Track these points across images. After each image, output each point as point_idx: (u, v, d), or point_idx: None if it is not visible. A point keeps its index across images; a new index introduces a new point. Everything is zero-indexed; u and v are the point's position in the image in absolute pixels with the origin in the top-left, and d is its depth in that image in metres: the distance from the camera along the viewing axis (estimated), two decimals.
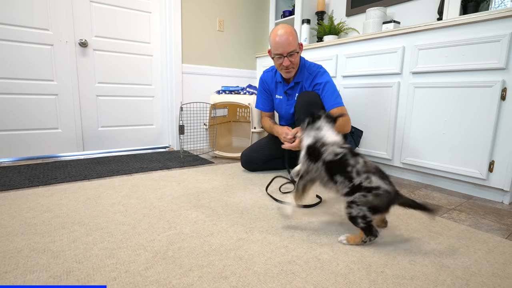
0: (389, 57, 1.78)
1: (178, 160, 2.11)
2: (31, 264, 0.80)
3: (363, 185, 0.90)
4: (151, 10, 2.44)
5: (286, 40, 1.52)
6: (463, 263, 0.87)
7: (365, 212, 0.90)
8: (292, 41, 1.53)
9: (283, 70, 1.63)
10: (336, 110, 1.55)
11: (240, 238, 0.98)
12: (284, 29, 1.54)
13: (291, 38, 1.53)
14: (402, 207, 0.92)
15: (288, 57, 1.55)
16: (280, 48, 1.54)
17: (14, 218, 1.09)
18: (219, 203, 1.29)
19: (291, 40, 1.53)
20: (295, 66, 1.62)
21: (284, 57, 1.55)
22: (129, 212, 1.17)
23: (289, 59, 1.55)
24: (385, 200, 0.90)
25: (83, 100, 2.23)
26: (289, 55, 1.55)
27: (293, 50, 1.54)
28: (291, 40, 1.53)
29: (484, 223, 1.18)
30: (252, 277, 0.77)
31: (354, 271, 0.81)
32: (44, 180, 1.55)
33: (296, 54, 1.56)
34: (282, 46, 1.53)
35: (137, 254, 0.86)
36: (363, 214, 0.90)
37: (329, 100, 1.58)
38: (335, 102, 1.58)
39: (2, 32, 1.89)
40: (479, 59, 1.41)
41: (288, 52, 1.53)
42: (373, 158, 1.94)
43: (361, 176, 0.91)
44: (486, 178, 1.44)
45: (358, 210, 0.90)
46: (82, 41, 2.14)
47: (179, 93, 2.52)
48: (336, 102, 1.58)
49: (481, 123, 1.43)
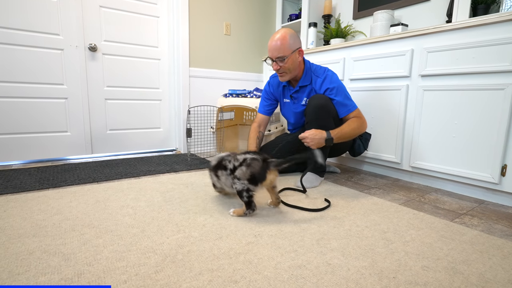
0: (397, 60, 1.77)
1: (185, 163, 2.12)
2: (42, 266, 0.81)
3: (235, 164, 1.13)
4: (159, 14, 2.47)
5: (274, 45, 1.53)
6: (477, 269, 0.85)
7: (248, 185, 1.08)
8: (280, 46, 1.52)
9: (278, 74, 1.65)
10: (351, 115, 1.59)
11: (249, 242, 0.97)
12: (279, 34, 1.54)
13: (280, 43, 1.52)
14: (280, 172, 1.15)
15: (277, 62, 1.55)
16: (269, 52, 1.57)
17: (25, 220, 1.10)
18: (227, 207, 1.29)
19: (279, 46, 1.52)
20: (288, 71, 1.60)
21: (273, 61, 1.56)
22: (138, 215, 1.18)
23: (278, 63, 1.55)
24: (257, 166, 1.08)
25: (92, 104, 2.26)
26: (278, 60, 1.54)
27: (281, 56, 1.53)
28: (279, 45, 1.52)
29: (497, 229, 1.15)
30: (262, 282, 0.76)
31: (365, 276, 0.80)
32: (54, 183, 1.57)
33: (286, 60, 1.55)
34: (270, 50, 1.55)
35: (146, 257, 0.86)
36: (246, 188, 1.09)
37: (343, 107, 1.60)
38: (350, 107, 1.60)
39: (14, 37, 1.93)
40: (490, 62, 1.40)
41: (275, 57, 1.54)
42: (381, 162, 1.93)
43: (232, 161, 1.16)
44: (499, 183, 1.41)
45: (242, 185, 1.09)
46: (92, 45, 2.17)
47: (186, 96, 2.54)
48: (351, 106, 1.60)
49: (493, 126, 1.41)
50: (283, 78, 1.66)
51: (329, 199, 1.37)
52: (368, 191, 1.59)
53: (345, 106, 1.59)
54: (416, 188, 1.68)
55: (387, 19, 2.00)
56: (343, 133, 1.54)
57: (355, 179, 1.85)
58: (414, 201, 1.46)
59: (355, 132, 1.58)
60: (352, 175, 1.95)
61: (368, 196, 1.49)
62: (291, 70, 1.62)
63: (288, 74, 1.62)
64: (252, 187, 1.09)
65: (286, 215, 1.21)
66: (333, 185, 1.68)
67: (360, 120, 1.59)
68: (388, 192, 1.59)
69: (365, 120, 1.63)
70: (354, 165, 2.19)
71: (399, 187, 1.69)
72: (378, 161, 1.95)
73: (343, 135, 1.54)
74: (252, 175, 1.08)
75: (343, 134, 1.54)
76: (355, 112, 1.60)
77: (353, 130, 1.56)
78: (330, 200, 1.36)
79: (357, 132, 1.59)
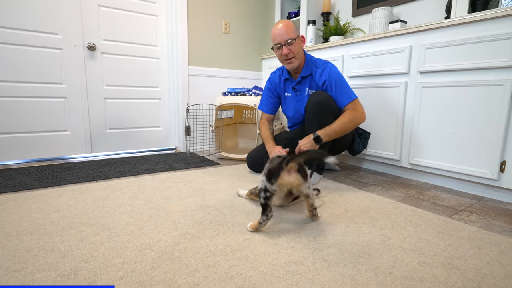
0: (396, 56, 1.76)
1: (184, 162, 2.12)
2: (39, 263, 0.81)
3: None
4: (158, 13, 2.46)
5: (282, 29, 1.56)
6: (474, 265, 0.85)
7: (265, 183, 1.00)
8: (288, 29, 1.56)
9: (285, 62, 1.64)
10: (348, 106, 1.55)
11: (246, 239, 0.97)
12: (281, 22, 1.59)
13: (287, 26, 1.57)
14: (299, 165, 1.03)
15: (286, 46, 1.57)
16: (277, 38, 1.57)
17: (23, 218, 1.11)
18: (225, 204, 1.29)
19: (286, 29, 1.56)
20: (297, 56, 1.61)
21: (283, 46, 1.58)
22: (136, 212, 1.18)
23: (287, 47, 1.57)
24: (276, 162, 1.02)
25: (91, 103, 2.26)
26: (287, 44, 1.57)
27: (290, 38, 1.56)
28: (287, 28, 1.56)
29: (495, 225, 1.15)
30: (258, 278, 0.76)
31: (361, 272, 0.80)
32: (53, 181, 1.57)
33: (295, 43, 1.57)
34: (279, 35, 1.57)
35: (143, 254, 0.86)
36: (264, 186, 1.01)
37: (341, 98, 1.57)
38: (347, 98, 1.56)
39: (13, 37, 1.94)
40: (489, 57, 1.39)
41: (285, 40, 1.56)
42: (380, 159, 1.92)
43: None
44: (497, 179, 1.41)
45: (261, 182, 1.03)
46: (91, 44, 2.17)
47: (185, 95, 2.54)
48: (348, 97, 1.56)
49: (492, 122, 1.40)
50: (292, 65, 1.64)
51: (328, 197, 1.37)
52: (367, 188, 1.58)
53: (343, 97, 1.56)
54: (415, 185, 1.68)
55: (386, 16, 1.99)
56: (332, 129, 1.47)
57: (354, 176, 1.85)
58: (412, 198, 1.45)
59: (346, 126, 1.50)
60: (351, 172, 1.95)
61: (367, 193, 1.48)
62: (299, 55, 1.63)
63: (297, 59, 1.62)
64: (268, 186, 0.99)
65: (283, 212, 1.21)
66: (331, 183, 1.68)
67: (353, 112, 1.53)
68: (386, 189, 1.59)
69: (362, 111, 1.55)
70: (353, 162, 2.19)
71: (398, 184, 1.68)
72: (377, 159, 1.95)
73: (332, 132, 1.47)
74: (269, 171, 1.01)
75: (332, 131, 1.47)
76: (352, 103, 1.55)
77: (343, 124, 1.49)
78: (329, 198, 1.36)
79: (349, 126, 1.51)
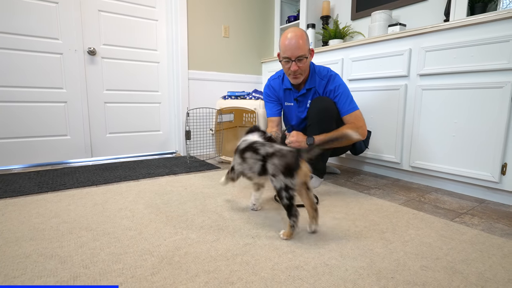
0: (395, 59, 1.76)
1: (184, 166, 2.12)
2: (39, 269, 0.80)
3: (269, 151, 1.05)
4: (158, 18, 2.48)
5: (295, 44, 1.45)
6: (477, 269, 0.84)
7: (284, 181, 0.97)
8: (301, 45, 1.45)
9: (291, 76, 1.56)
10: (349, 118, 1.54)
11: (247, 243, 0.97)
12: (295, 32, 1.47)
13: (301, 41, 1.45)
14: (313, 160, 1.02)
15: (296, 62, 1.47)
16: (288, 51, 1.46)
17: (23, 223, 1.10)
18: (225, 208, 1.29)
19: (300, 44, 1.45)
20: (303, 72, 1.54)
21: (292, 61, 1.48)
22: (136, 217, 1.17)
23: (297, 64, 1.48)
24: (290, 156, 0.99)
25: (91, 107, 2.26)
26: (298, 60, 1.47)
27: (302, 55, 1.46)
28: (300, 43, 1.45)
29: (497, 228, 1.14)
30: (259, 283, 0.75)
31: (363, 276, 0.79)
32: (53, 186, 1.57)
33: (305, 60, 1.49)
34: (290, 49, 1.46)
35: (143, 259, 0.86)
36: (284, 185, 0.98)
37: (343, 107, 1.55)
38: (348, 107, 1.55)
39: (14, 42, 1.94)
40: (488, 60, 1.39)
41: (296, 57, 1.46)
42: (381, 162, 1.92)
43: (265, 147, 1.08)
44: (499, 181, 1.40)
45: (279, 182, 0.99)
46: (91, 49, 2.18)
47: (185, 99, 2.54)
48: (350, 107, 1.55)
49: (492, 124, 1.40)
50: (297, 81, 1.57)
51: (329, 200, 1.37)
52: (367, 192, 1.58)
53: (345, 107, 1.55)
54: (416, 188, 1.67)
55: (385, 19, 2.00)
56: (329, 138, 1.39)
57: (355, 179, 1.84)
58: (414, 201, 1.45)
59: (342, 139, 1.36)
60: (352, 175, 1.94)
61: (368, 197, 1.48)
62: (306, 71, 1.57)
63: (303, 75, 1.56)
64: (289, 182, 0.97)
65: (284, 217, 1.20)
66: (332, 186, 1.67)
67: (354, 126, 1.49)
68: (388, 192, 1.58)
69: (363, 126, 1.53)
70: (354, 165, 2.18)
71: (399, 187, 1.68)
72: (378, 161, 1.94)
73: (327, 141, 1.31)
74: (287, 166, 0.98)
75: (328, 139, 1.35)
76: (353, 114, 1.54)
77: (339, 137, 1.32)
78: (330, 202, 1.35)
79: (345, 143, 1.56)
